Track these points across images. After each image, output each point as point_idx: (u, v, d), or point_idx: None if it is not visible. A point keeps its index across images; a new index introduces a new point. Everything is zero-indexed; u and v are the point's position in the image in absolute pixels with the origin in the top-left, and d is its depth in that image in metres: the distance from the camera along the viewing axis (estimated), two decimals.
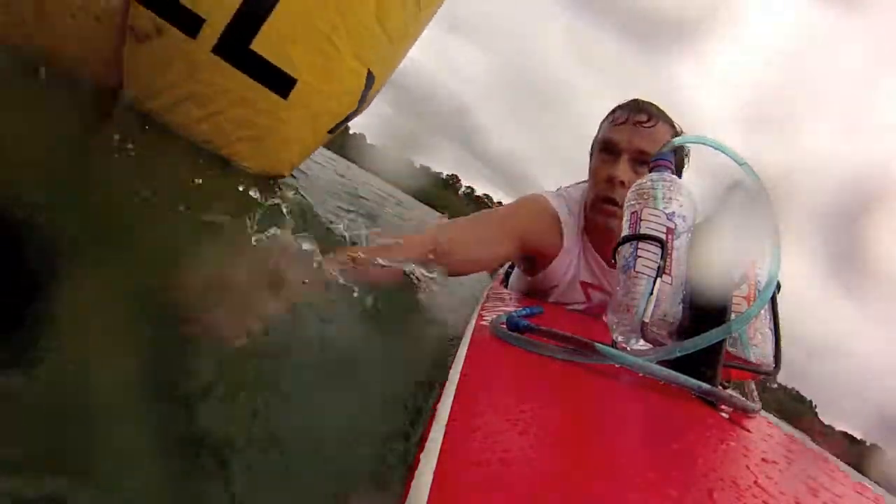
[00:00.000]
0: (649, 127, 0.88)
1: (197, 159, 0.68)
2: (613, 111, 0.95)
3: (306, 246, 0.51)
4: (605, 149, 0.92)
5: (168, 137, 0.66)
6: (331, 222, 0.85)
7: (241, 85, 0.63)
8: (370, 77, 0.76)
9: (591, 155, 0.99)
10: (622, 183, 0.88)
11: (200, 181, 0.64)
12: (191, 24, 0.59)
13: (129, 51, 0.61)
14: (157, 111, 0.64)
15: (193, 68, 0.61)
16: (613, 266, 0.96)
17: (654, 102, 0.93)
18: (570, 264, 1.01)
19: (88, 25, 0.59)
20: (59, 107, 0.62)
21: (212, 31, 0.59)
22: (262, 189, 0.60)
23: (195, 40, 0.59)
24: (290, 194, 0.77)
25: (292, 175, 0.94)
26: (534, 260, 1.02)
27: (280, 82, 0.64)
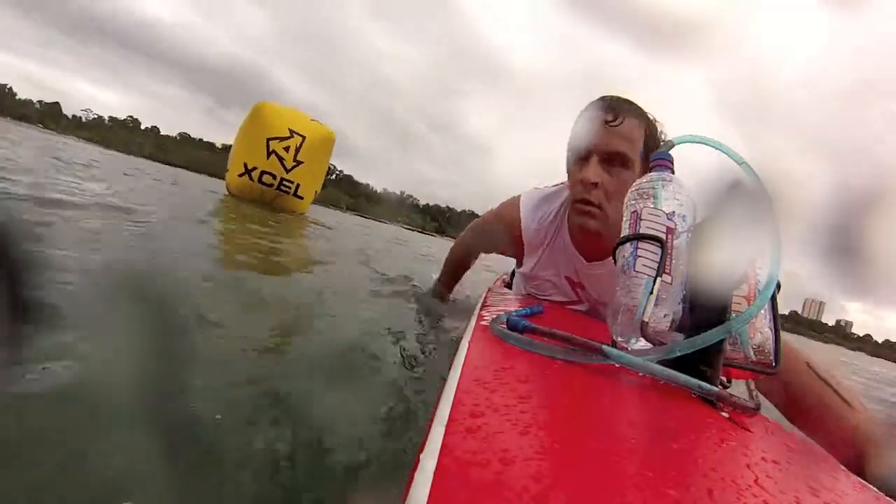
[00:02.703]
0: (616, 125, 0.89)
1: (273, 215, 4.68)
2: (584, 111, 0.95)
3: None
4: (575, 152, 0.95)
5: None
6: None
7: (294, 201, 6.32)
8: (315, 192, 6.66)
9: (567, 155, 1.01)
10: (594, 184, 0.91)
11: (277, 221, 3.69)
12: (286, 190, 6.09)
13: (278, 198, 6.25)
14: (273, 204, 6.26)
15: (288, 202, 6.31)
16: (591, 263, 1.00)
17: (624, 96, 0.94)
18: (542, 257, 1.07)
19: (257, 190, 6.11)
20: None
21: (289, 192, 6.12)
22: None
23: (288, 195, 6.18)
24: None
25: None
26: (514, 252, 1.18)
27: (301, 199, 6.32)
